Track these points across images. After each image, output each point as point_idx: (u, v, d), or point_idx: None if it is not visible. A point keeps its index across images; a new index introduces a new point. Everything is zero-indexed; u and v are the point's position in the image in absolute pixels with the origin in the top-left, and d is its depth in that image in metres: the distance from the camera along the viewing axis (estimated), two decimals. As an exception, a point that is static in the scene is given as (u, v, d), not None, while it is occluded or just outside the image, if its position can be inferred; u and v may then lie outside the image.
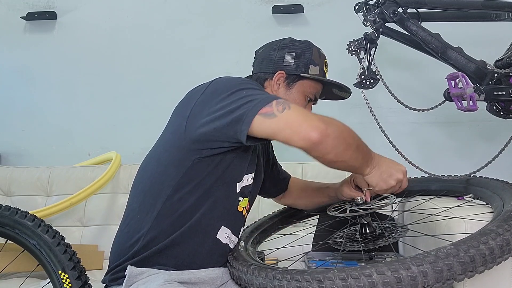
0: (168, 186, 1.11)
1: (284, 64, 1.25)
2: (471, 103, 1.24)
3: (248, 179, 1.20)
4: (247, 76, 1.29)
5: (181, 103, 1.17)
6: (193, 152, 1.09)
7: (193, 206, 1.12)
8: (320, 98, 1.35)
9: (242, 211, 1.23)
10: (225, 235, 1.18)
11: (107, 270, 1.18)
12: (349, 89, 1.30)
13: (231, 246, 1.21)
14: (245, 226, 1.49)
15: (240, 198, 1.21)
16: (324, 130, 0.96)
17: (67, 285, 1.17)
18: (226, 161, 1.12)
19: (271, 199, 1.57)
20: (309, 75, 1.24)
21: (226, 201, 1.16)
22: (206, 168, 1.11)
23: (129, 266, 1.10)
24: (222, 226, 1.17)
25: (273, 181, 1.48)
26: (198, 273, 1.14)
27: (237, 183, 1.17)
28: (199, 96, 1.10)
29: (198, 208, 1.12)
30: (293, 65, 1.24)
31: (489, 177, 1.32)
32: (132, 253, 1.12)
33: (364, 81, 1.36)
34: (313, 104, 1.32)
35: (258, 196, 1.85)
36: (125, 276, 1.09)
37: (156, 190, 1.13)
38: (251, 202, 1.30)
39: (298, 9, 2.15)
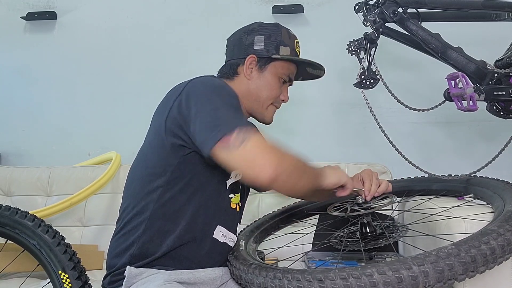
0: (158, 186, 1.12)
1: (254, 48, 1.26)
2: (471, 103, 1.24)
3: (236, 175, 1.20)
4: (223, 66, 1.32)
5: (161, 102, 1.18)
6: (177, 149, 1.10)
7: (185, 206, 1.13)
8: (296, 79, 1.36)
9: (236, 207, 1.24)
10: (220, 234, 1.18)
11: (105, 274, 1.18)
12: (322, 66, 1.31)
13: (230, 244, 1.22)
14: (246, 226, 1.50)
15: (231, 195, 1.22)
16: (279, 167, 0.98)
17: (67, 285, 1.17)
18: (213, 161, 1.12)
19: (272, 193, 1.55)
20: (280, 56, 1.24)
21: (218, 199, 1.17)
22: (194, 166, 1.11)
23: (128, 267, 1.10)
24: (218, 225, 1.17)
25: None
26: (197, 273, 1.14)
27: (226, 181, 1.18)
28: (176, 97, 1.11)
29: (190, 207, 1.13)
30: (264, 48, 1.25)
31: (490, 177, 1.32)
32: (129, 256, 1.12)
33: (364, 81, 1.36)
34: (289, 85, 1.33)
35: (258, 195, 1.85)
36: (124, 278, 1.09)
37: (146, 191, 1.13)
38: (244, 198, 1.30)
39: (298, 9, 2.15)
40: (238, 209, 1.25)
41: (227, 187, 1.19)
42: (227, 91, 1.12)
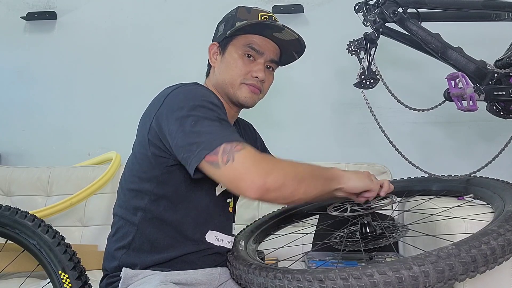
0: (144, 195, 1.12)
1: (216, 36, 1.25)
2: (471, 103, 1.24)
3: None
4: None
5: (145, 111, 1.16)
6: (161, 160, 1.09)
7: (174, 215, 1.12)
8: (285, 61, 1.27)
9: (231, 210, 1.25)
10: (214, 238, 1.18)
11: (102, 275, 1.19)
12: (281, 25, 1.17)
13: (227, 246, 1.21)
14: (246, 226, 1.50)
15: (229, 200, 1.22)
16: (262, 186, 0.94)
17: (67, 285, 1.17)
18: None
19: None
20: (230, 31, 1.18)
21: (208, 206, 1.16)
22: (179, 176, 1.10)
23: (124, 268, 1.10)
24: (209, 230, 1.17)
25: None
26: (194, 273, 1.14)
27: (215, 188, 1.17)
28: (159, 106, 1.08)
29: (178, 216, 1.12)
30: (223, 32, 1.22)
31: (490, 177, 1.32)
32: (121, 261, 1.12)
33: (364, 81, 1.36)
34: (270, 63, 1.22)
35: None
36: (120, 280, 1.10)
37: (134, 200, 1.13)
38: (236, 198, 1.30)
39: (298, 9, 2.15)
40: (231, 211, 1.25)
41: (217, 194, 1.17)
42: (210, 101, 1.07)
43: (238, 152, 0.96)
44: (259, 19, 1.18)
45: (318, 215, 1.60)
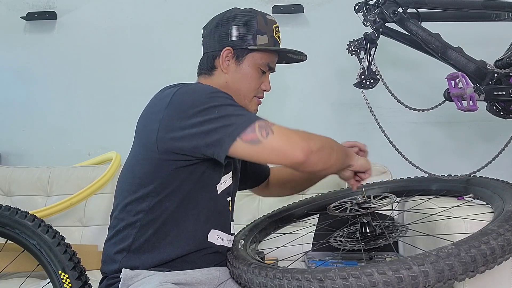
0: (146, 196, 1.11)
1: (229, 39, 1.21)
2: (471, 103, 1.24)
3: (225, 181, 1.20)
4: (201, 59, 1.28)
5: (146, 111, 1.15)
6: (169, 163, 1.08)
7: (175, 214, 1.12)
8: (280, 63, 1.32)
9: (231, 209, 1.25)
10: (216, 237, 1.18)
11: (101, 277, 1.18)
12: (303, 53, 1.28)
13: (227, 245, 1.21)
14: (245, 225, 1.50)
15: (229, 198, 1.22)
16: (307, 148, 1.03)
17: (67, 285, 1.17)
18: (202, 166, 1.11)
19: (268, 197, 1.55)
20: (256, 46, 1.20)
21: (209, 204, 1.16)
22: (182, 175, 1.10)
23: (123, 269, 1.10)
24: (212, 229, 1.17)
25: (254, 168, 1.46)
26: (193, 273, 1.13)
27: (216, 185, 1.17)
28: (165, 107, 1.07)
29: (181, 215, 1.12)
30: (239, 38, 1.20)
31: (489, 177, 1.32)
32: (121, 264, 1.12)
33: (364, 81, 1.36)
34: (272, 72, 1.28)
35: (258, 195, 1.85)
36: (120, 281, 1.09)
37: (135, 202, 1.13)
38: (233, 197, 1.30)
39: (298, 9, 2.15)
40: (230, 209, 1.25)
41: (219, 192, 1.18)
42: (223, 95, 1.10)
43: (274, 125, 1.04)
44: (273, 31, 1.23)
45: (318, 215, 1.60)
